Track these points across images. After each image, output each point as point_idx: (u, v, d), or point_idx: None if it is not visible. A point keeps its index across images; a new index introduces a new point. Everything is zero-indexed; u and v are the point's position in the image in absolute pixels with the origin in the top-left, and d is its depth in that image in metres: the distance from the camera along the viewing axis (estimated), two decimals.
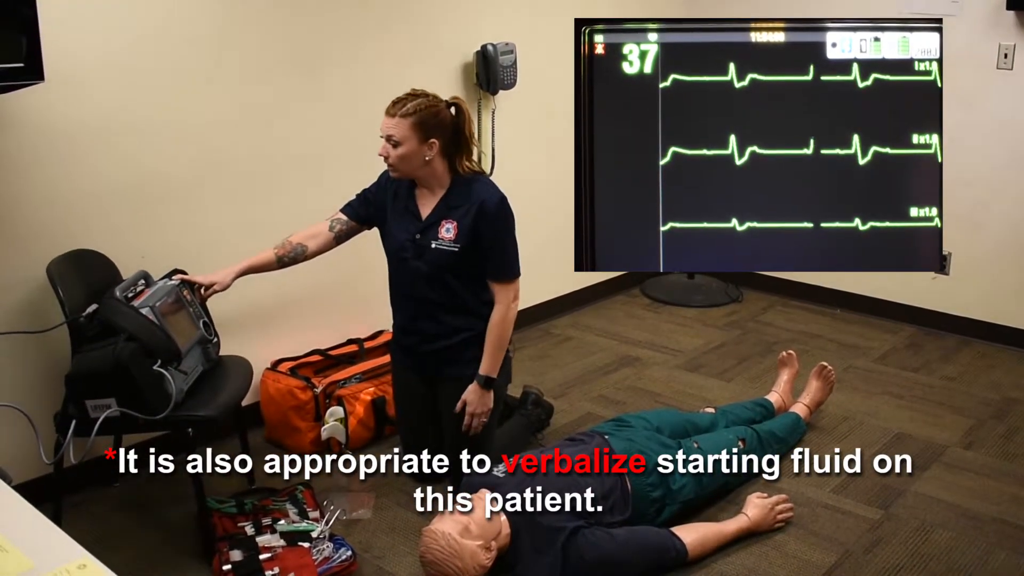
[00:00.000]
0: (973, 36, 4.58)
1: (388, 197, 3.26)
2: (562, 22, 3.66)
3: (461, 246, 3.14)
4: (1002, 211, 4.69)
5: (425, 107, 3.06)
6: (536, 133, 4.70)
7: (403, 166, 3.10)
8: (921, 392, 4.25)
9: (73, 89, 3.09)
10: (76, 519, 3.08)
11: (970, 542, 3.08)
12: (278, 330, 3.86)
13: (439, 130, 3.09)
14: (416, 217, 3.20)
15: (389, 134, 3.05)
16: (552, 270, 4.61)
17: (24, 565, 1.36)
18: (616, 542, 2.80)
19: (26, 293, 3.10)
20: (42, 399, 3.03)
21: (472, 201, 3.14)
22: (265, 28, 3.60)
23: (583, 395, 4.21)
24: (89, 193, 3.21)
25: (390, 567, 2.96)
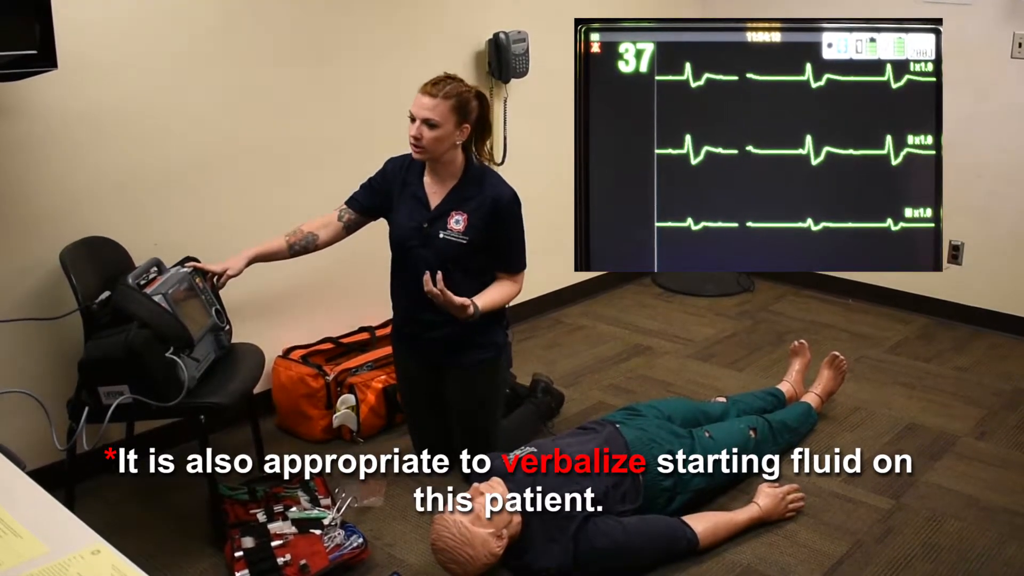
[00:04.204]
0: (987, 25, 4.55)
1: (396, 185, 3.25)
2: (574, 11, 3.65)
3: (470, 239, 3.14)
4: (1015, 201, 4.66)
5: (463, 91, 3.07)
6: (548, 121, 4.69)
7: (434, 148, 3.06)
8: (933, 382, 4.23)
9: (86, 76, 3.09)
10: (89, 505, 3.10)
11: (981, 532, 3.08)
12: (290, 318, 3.87)
13: (470, 116, 3.10)
14: (425, 206, 3.19)
15: (427, 115, 3.01)
16: (562, 259, 4.55)
17: (39, 550, 1.36)
18: (627, 531, 2.80)
19: (39, 280, 3.11)
20: (55, 386, 3.05)
21: (484, 195, 3.13)
22: (276, 16, 3.59)
23: (594, 384, 4.20)
24: (102, 180, 3.22)
25: (401, 554, 2.97)
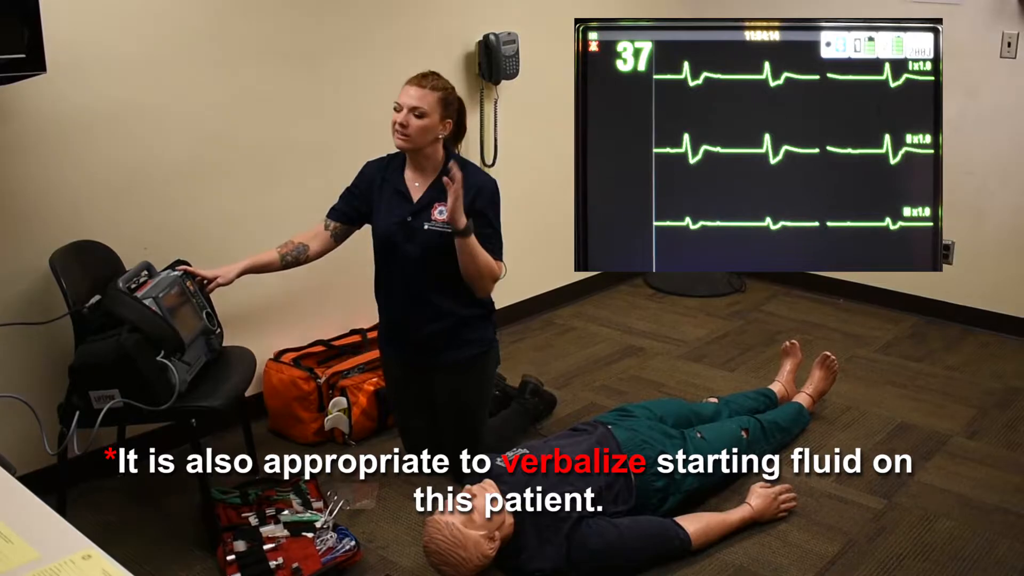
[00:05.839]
0: (976, 25, 4.57)
1: (375, 184, 3.26)
2: (564, 13, 3.66)
3: (454, 228, 3.14)
4: (1005, 200, 4.68)
5: (448, 88, 3.16)
6: (538, 123, 4.69)
7: (418, 138, 3.11)
8: (924, 382, 4.25)
9: (75, 80, 3.08)
10: (80, 510, 3.09)
11: (973, 531, 3.09)
12: (281, 321, 3.86)
13: (453, 113, 3.18)
14: (407, 199, 3.20)
15: (415, 105, 3.08)
16: (554, 260, 4.60)
17: (29, 555, 1.35)
18: (620, 531, 2.81)
19: (29, 284, 3.10)
20: (46, 390, 3.04)
21: (467, 184, 3.13)
22: (266, 17, 3.59)
23: (586, 385, 4.21)
24: (91, 184, 3.21)
25: (394, 557, 2.96)
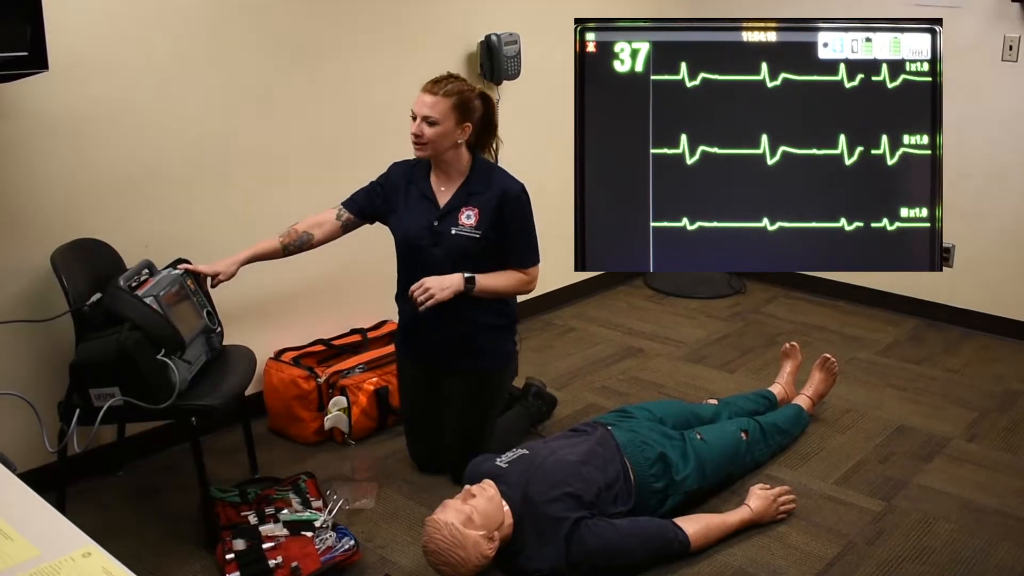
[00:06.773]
0: (978, 28, 4.57)
1: (400, 186, 3.25)
2: (565, 13, 3.66)
3: (482, 233, 3.14)
4: (1006, 203, 4.68)
5: (464, 90, 3.10)
6: (539, 123, 4.70)
7: (435, 145, 3.09)
8: (924, 384, 4.25)
9: (77, 78, 3.08)
10: (80, 507, 3.10)
11: (972, 534, 3.09)
12: (282, 320, 3.86)
13: (473, 115, 3.13)
14: (434, 204, 3.19)
15: (427, 112, 3.04)
16: (555, 261, 4.58)
17: (29, 552, 1.36)
18: (619, 532, 2.81)
19: (30, 282, 3.10)
20: (46, 388, 3.04)
21: (493, 189, 3.14)
22: (268, 17, 3.59)
23: (586, 386, 4.21)
24: (93, 182, 3.21)
25: (393, 556, 2.96)
